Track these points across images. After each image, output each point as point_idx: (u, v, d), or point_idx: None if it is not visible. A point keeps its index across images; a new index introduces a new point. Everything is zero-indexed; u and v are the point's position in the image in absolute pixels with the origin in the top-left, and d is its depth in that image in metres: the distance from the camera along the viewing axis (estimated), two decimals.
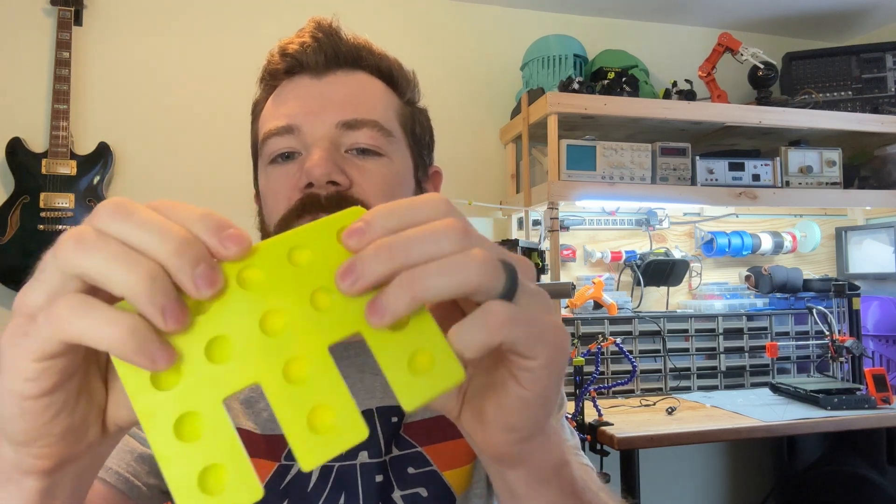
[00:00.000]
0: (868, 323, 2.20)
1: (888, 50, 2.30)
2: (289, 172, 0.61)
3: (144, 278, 0.26)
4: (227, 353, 0.28)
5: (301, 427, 0.27)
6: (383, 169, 0.62)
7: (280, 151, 0.62)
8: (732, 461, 2.44)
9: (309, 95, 0.63)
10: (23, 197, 1.83)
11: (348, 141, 0.61)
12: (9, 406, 0.28)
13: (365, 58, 0.66)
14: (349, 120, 0.61)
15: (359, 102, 0.62)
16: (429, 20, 2.29)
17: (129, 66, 2.03)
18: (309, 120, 0.61)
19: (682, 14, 2.47)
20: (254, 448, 0.62)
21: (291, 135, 0.61)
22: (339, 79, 0.64)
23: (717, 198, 2.04)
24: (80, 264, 0.27)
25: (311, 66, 0.64)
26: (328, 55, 0.64)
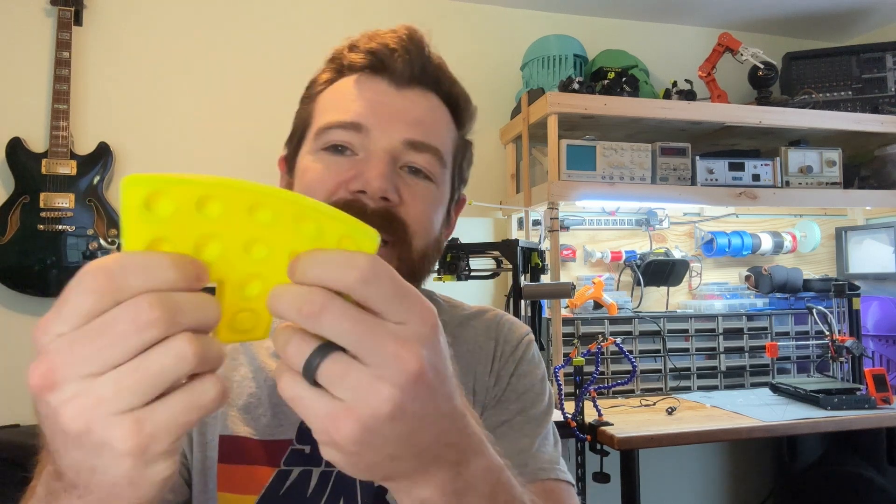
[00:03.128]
0: (868, 323, 2.20)
1: (888, 50, 2.30)
2: (340, 167, 0.61)
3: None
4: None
5: (224, 320, 0.33)
6: (429, 194, 0.64)
7: (338, 143, 0.62)
8: (732, 461, 2.44)
9: (383, 103, 0.62)
10: (23, 197, 1.83)
11: (407, 159, 0.62)
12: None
13: (443, 82, 0.66)
14: (416, 141, 0.62)
15: (427, 126, 0.63)
16: (428, 20, 2.29)
17: (129, 66, 2.03)
18: (379, 126, 0.61)
19: (682, 14, 2.47)
20: (253, 454, 0.62)
21: (358, 133, 0.61)
22: (415, 96, 0.64)
23: (717, 198, 2.04)
24: None
25: (394, 75, 0.63)
26: (414, 70, 0.64)
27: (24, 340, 1.88)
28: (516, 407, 0.69)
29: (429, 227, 0.64)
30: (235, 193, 0.32)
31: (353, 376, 0.31)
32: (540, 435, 0.68)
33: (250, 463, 0.62)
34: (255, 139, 2.06)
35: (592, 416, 1.67)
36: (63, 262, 1.84)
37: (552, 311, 1.90)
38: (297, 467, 0.62)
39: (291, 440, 0.63)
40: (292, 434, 0.63)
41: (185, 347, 0.29)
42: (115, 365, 0.29)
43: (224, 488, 0.62)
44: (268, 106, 2.08)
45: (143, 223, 0.30)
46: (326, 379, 0.31)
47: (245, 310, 0.34)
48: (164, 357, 0.29)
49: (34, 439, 0.37)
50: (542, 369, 0.74)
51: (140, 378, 0.29)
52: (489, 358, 0.71)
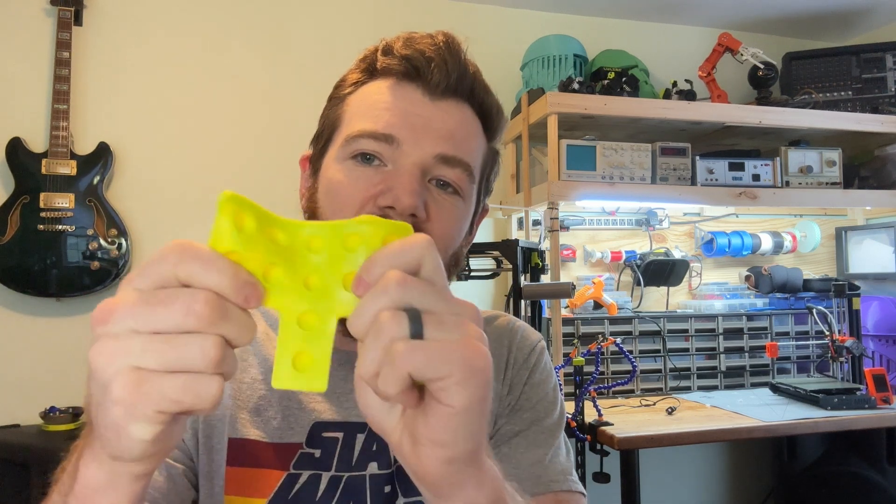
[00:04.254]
0: (868, 323, 2.20)
1: (888, 50, 2.30)
2: (369, 179, 0.60)
3: None
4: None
5: (286, 357, 0.36)
6: (456, 209, 0.63)
7: (367, 152, 0.60)
8: (732, 461, 2.44)
9: (417, 114, 0.61)
10: (23, 197, 1.83)
11: (437, 172, 0.61)
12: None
13: (477, 93, 0.65)
14: (448, 155, 0.61)
15: (460, 140, 0.62)
16: (429, 20, 2.29)
17: (129, 66, 2.03)
18: (411, 139, 0.60)
19: (682, 14, 2.47)
20: (262, 457, 0.62)
21: (389, 145, 0.60)
22: (449, 107, 0.62)
23: (717, 198, 2.04)
24: None
25: (429, 85, 0.62)
26: (450, 81, 0.62)
27: (24, 340, 1.88)
28: (530, 416, 0.69)
29: (450, 243, 0.63)
30: (296, 229, 0.37)
31: (449, 323, 0.35)
32: (553, 446, 0.69)
33: (259, 466, 0.62)
34: (255, 139, 2.06)
35: (592, 416, 1.67)
36: (63, 262, 1.84)
37: (552, 311, 1.90)
38: (306, 471, 0.62)
39: (301, 444, 0.63)
40: (302, 438, 0.63)
41: (210, 348, 0.33)
42: (155, 332, 0.33)
43: (232, 491, 0.62)
44: (268, 106, 2.08)
45: (226, 234, 0.35)
46: (432, 329, 0.34)
47: (304, 352, 0.36)
48: (190, 346, 0.32)
49: (34, 439, 0.38)
50: (555, 378, 0.75)
51: (163, 351, 0.32)
52: (502, 365, 0.71)
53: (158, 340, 0.33)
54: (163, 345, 0.32)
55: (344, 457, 0.63)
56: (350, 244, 0.36)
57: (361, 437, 0.63)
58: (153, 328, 0.33)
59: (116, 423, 0.34)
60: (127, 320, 0.33)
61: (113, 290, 1.93)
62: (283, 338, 0.36)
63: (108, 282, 1.89)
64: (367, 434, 0.64)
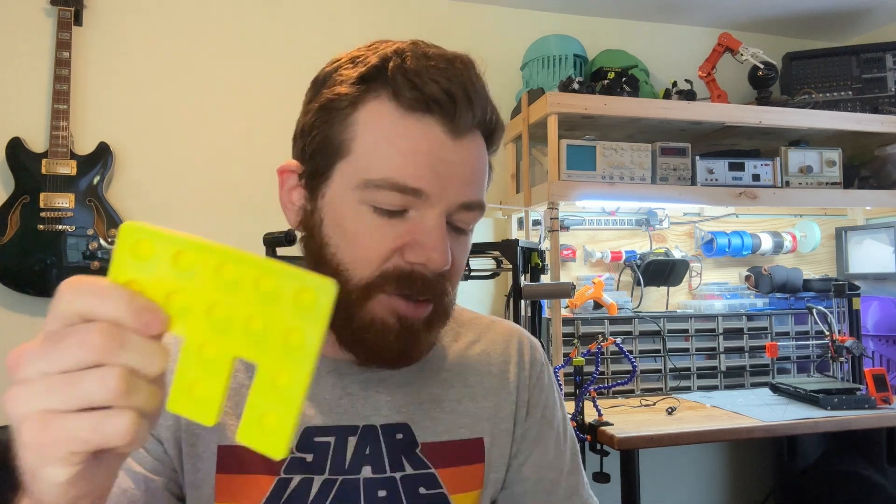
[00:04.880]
0: (868, 323, 2.20)
1: (888, 50, 2.30)
2: (394, 231, 0.57)
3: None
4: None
5: (183, 383, 0.35)
6: (467, 245, 0.63)
7: (394, 208, 0.57)
8: (732, 461, 2.44)
9: (441, 159, 0.56)
10: (23, 197, 1.83)
11: (458, 219, 0.59)
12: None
13: (489, 119, 0.61)
14: (470, 202, 0.59)
15: (478, 179, 0.60)
16: (428, 20, 2.29)
17: (129, 66, 2.03)
18: (438, 191, 0.56)
19: (682, 14, 2.47)
20: (252, 463, 0.62)
21: (417, 199, 0.56)
22: (470, 145, 0.59)
23: (717, 198, 2.04)
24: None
25: (452, 123, 0.57)
26: (475, 118, 0.58)
27: (23, 340, 1.88)
28: (567, 464, 0.73)
29: (461, 272, 0.64)
30: (205, 252, 0.35)
31: None
32: (583, 481, 0.74)
33: (249, 472, 0.61)
34: (255, 139, 2.06)
35: (592, 416, 1.67)
36: (63, 262, 1.84)
37: (552, 311, 1.90)
38: (297, 475, 0.61)
39: (291, 448, 0.62)
40: (292, 442, 0.63)
41: (110, 379, 0.32)
42: (61, 371, 0.32)
43: (222, 498, 0.61)
44: (268, 106, 2.08)
45: (124, 264, 0.35)
46: None
47: (200, 382, 0.35)
48: (90, 379, 0.32)
49: None
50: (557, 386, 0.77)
51: (66, 389, 0.32)
52: (514, 385, 0.72)
53: (61, 380, 0.32)
54: (65, 383, 0.32)
55: (336, 460, 0.62)
56: (262, 286, 0.35)
57: (353, 440, 0.63)
58: (58, 368, 0.32)
59: (31, 467, 0.33)
60: (35, 363, 0.32)
61: None
62: (183, 364, 0.35)
63: None
64: (358, 437, 0.63)
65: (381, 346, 0.59)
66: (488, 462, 0.67)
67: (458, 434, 0.66)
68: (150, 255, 0.35)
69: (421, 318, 0.59)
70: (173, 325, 0.35)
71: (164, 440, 0.63)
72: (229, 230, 2.01)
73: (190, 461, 0.62)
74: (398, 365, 0.62)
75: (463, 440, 0.66)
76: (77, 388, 0.32)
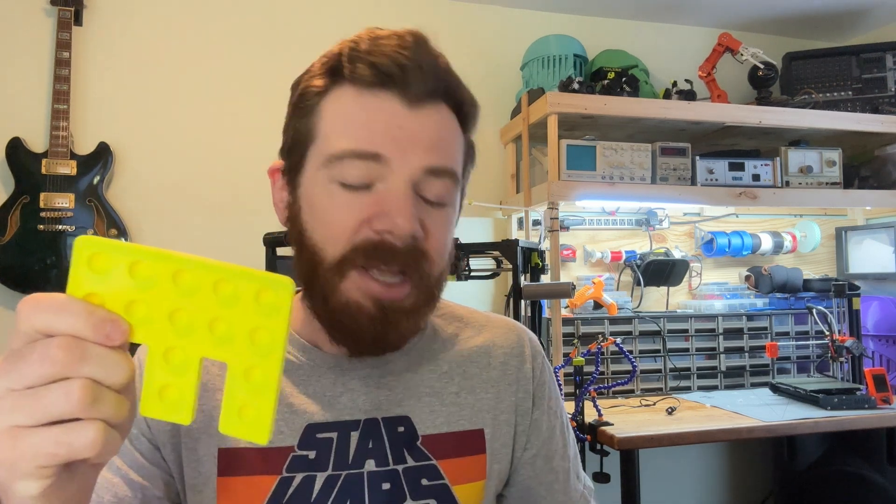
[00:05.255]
0: (868, 323, 2.20)
1: (888, 50, 2.30)
2: (361, 203, 0.58)
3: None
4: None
5: (153, 388, 0.36)
6: (447, 220, 0.62)
7: (358, 182, 0.58)
8: (732, 461, 2.44)
9: (399, 126, 0.58)
10: (23, 197, 1.83)
11: (426, 187, 0.59)
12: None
13: (452, 90, 0.62)
14: (435, 167, 0.59)
15: (444, 147, 0.60)
16: (429, 20, 2.29)
17: (129, 66, 2.03)
18: (398, 156, 0.57)
19: (682, 14, 2.47)
20: (254, 464, 0.62)
21: (376, 163, 0.57)
22: (429, 113, 0.60)
23: (717, 198, 2.04)
24: None
25: (406, 92, 0.58)
26: (428, 85, 0.59)
27: None
28: (571, 450, 0.76)
29: (444, 251, 0.63)
30: (160, 261, 0.35)
31: None
32: (577, 470, 0.76)
33: (251, 473, 0.61)
34: (255, 139, 2.06)
35: (592, 416, 1.67)
36: (63, 262, 1.84)
37: (552, 311, 1.90)
38: (299, 473, 0.61)
39: (293, 447, 0.62)
40: (294, 441, 0.62)
41: (74, 391, 0.33)
42: (26, 387, 0.33)
43: (224, 501, 0.61)
44: (268, 106, 2.08)
45: (82, 278, 0.35)
46: None
47: (170, 385, 0.36)
48: (54, 393, 0.33)
49: None
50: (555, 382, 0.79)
51: (31, 404, 0.33)
52: (514, 376, 0.72)
53: (26, 395, 0.33)
54: (30, 399, 0.33)
55: (340, 455, 0.62)
56: (221, 290, 0.36)
57: (356, 434, 0.63)
58: (23, 384, 0.33)
59: (3, 482, 0.34)
60: (1, 381, 0.33)
61: None
62: (150, 369, 0.36)
63: None
64: (360, 432, 0.63)
65: (355, 330, 0.59)
66: (490, 453, 0.68)
67: (457, 426, 0.67)
68: (107, 267, 0.35)
69: (398, 299, 0.59)
70: (135, 334, 0.36)
71: (161, 445, 0.63)
72: (229, 230, 2.01)
73: (190, 465, 0.62)
74: (376, 350, 0.62)
75: (463, 431, 0.67)
76: (41, 403, 0.32)
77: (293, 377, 0.66)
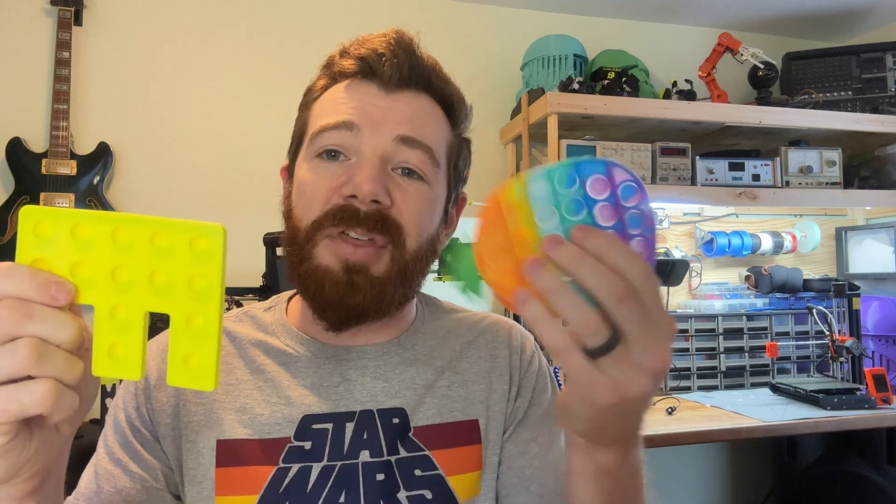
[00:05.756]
0: (868, 323, 2.20)
1: (888, 50, 2.30)
2: (333, 173, 0.62)
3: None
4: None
5: (102, 347, 0.38)
6: (422, 194, 0.64)
7: (331, 147, 0.63)
8: (732, 461, 2.44)
9: (374, 106, 0.63)
10: (23, 197, 1.83)
11: (399, 157, 0.63)
12: None
13: (434, 83, 0.67)
14: (407, 136, 0.62)
15: (419, 124, 0.64)
16: (429, 20, 2.29)
17: (129, 66, 2.03)
18: (369, 126, 0.62)
19: (682, 14, 2.47)
20: (251, 455, 0.62)
21: (349, 132, 0.62)
22: (405, 98, 0.65)
23: (717, 198, 2.04)
24: None
25: (383, 79, 0.64)
26: (402, 73, 0.64)
27: None
28: (545, 419, 0.73)
29: (422, 228, 0.64)
30: (98, 222, 0.37)
31: (627, 363, 0.38)
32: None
33: (248, 464, 0.62)
34: (255, 139, 2.06)
35: None
36: None
37: None
38: (295, 464, 0.62)
39: (289, 438, 0.63)
40: (290, 432, 0.63)
41: (20, 349, 0.34)
42: None
43: (223, 492, 0.62)
44: (268, 106, 2.08)
45: (28, 245, 0.37)
46: (610, 361, 0.38)
47: (118, 343, 0.38)
48: (2, 353, 0.34)
49: None
50: (551, 371, 0.78)
51: None
52: (505, 367, 0.73)
53: None
54: None
55: (335, 446, 0.63)
56: (157, 242, 0.38)
57: (351, 425, 0.64)
58: None
59: None
60: None
61: None
62: (98, 329, 0.38)
63: None
64: (356, 423, 0.64)
65: (319, 295, 0.61)
66: (485, 443, 0.68)
67: (450, 417, 0.68)
68: (50, 233, 0.37)
69: (364, 260, 0.61)
70: (82, 295, 0.37)
71: (161, 438, 0.64)
72: (229, 230, 2.00)
73: (190, 456, 0.63)
74: (342, 315, 0.62)
75: (456, 422, 0.68)
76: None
77: (291, 368, 0.67)
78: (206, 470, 0.62)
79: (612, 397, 0.38)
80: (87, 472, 0.64)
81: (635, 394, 0.38)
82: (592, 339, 0.38)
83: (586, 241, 0.38)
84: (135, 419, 0.65)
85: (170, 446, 0.64)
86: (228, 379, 0.67)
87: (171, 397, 0.66)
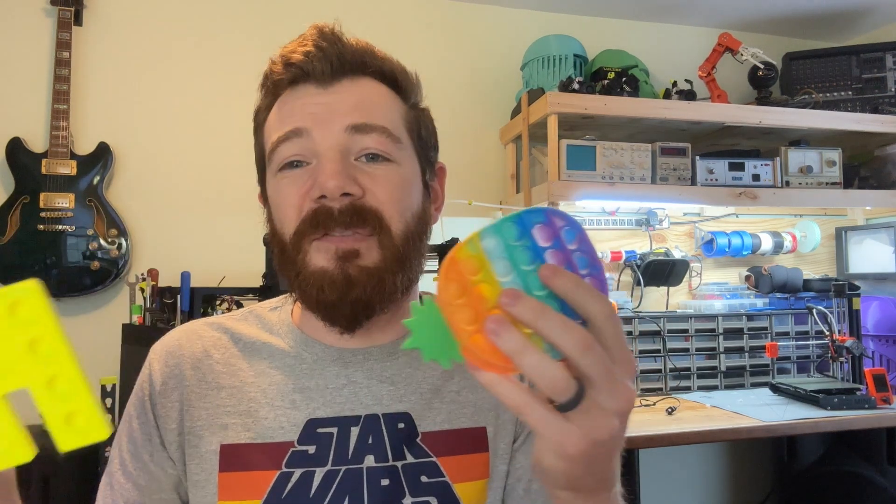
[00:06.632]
0: (868, 323, 2.20)
1: (888, 50, 2.30)
2: (298, 180, 0.62)
3: None
4: None
5: None
6: (393, 175, 0.63)
7: (289, 159, 0.62)
8: (732, 461, 2.44)
9: (316, 104, 0.62)
10: (23, 197, 1.83)
11: (358, 146, 0.61)
12: None
13: (369, 63, 0.65)
14: (358, 124, 0.61)
15: (367, 108, 0.63)
16: (429, 20, 2.29)
17: (129, 66, 2.03)
18: (317, 126, 0.61)
19: (682, 14, 2.47)
20: (254, 459, 0.62)
21: (300, 138, 0.61)
22: (345, 87, 0.63)
23: (717, 198, 2.04)
24: None
25: (317, 76, 0.63)
26: (333, 64, 0.63)
27: None
28: None
29: (403, 207, 0.63)
30: None
31: (595, 410, 0.38)
32: None
33: (251, 469, 0.62)
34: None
35: None
36: (63, 262, 1.84)
37: None
38: (298, 468, 0.62)
39: (292, 442, 0.63)
40: (294, 436, 0.63)
41: None
42: None
43: (225, 496, 0.62)
44: None
45: None
46: (578, 411, 0.38)
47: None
48: None
49: (34, 439, 0.38)
50: None
51: None
52: None
53: None
54: None
55: (340, 450, 0.63)
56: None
57: (356, 430, 0.63)
58: None
59: None
60: None
61: (113, 289, 1.93)
62: None
63: (108, 282, 1.89)
64: (360, 427, 0.64)
65: (321, 298, 0.60)
66: (493, 451, 0.67)
67: (458, 423, 0.66)
68: None
69: (354, 249, 0.60)
70: None
71: (168, 444, 0.64)
72: (229, 230, 2.01)
73: (193, 461, 0.63)
74: (347, 313, 0.61)
75: (464, 429, 0.67)
76: None
77: (296, 371, 0.66)
78: (209, 475, 0.62)
79: (583, 444, 0.38)
80: (102, 487, 0.65)
81: (605, 437, 0.38)
82: (561, 396, 0.38)
83: (555, 281, 0.39)
84: (144, 429, 0.65)
85: (175, 452, 0.64)
86: (232, 381, 0.66)
87: (176, 402, 0.65)
